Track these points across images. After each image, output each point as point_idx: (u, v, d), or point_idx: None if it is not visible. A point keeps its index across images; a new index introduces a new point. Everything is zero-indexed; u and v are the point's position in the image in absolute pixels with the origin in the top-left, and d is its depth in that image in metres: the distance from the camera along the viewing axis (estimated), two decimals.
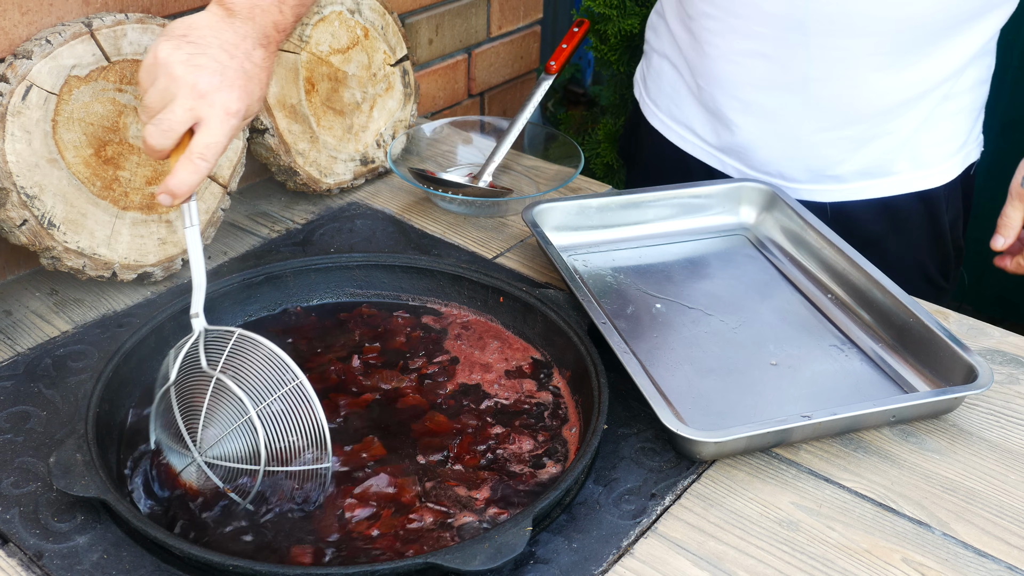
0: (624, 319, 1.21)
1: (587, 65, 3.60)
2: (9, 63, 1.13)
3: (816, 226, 1.28)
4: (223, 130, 0.97)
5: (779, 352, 1.15)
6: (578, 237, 1.35)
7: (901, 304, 1.14)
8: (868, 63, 1.25)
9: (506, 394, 1.09)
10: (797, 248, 1.31)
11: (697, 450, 0.99)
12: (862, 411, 1.00)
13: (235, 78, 0.99)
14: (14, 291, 1.26)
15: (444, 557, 0.83)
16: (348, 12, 1.46)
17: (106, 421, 1.00)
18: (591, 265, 1.31)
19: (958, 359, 1.06)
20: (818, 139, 1.33)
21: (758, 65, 1.31)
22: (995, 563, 0.91)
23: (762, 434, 0.98)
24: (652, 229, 1.37)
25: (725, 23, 1.31)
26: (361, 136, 1.50)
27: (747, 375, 1.12)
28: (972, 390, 1.02)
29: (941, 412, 1.07)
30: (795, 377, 1.12)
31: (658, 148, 1.51)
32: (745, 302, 1.24)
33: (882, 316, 1.17)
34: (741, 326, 1.20)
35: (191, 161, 0.96)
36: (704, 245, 1.37)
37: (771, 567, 0.90)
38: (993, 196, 1.52)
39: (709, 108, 1.40)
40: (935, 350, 1.10)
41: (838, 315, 1.21)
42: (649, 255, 1.34)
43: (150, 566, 0.88)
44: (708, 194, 1.38)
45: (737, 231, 1.38)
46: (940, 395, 1.04)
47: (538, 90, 1.55)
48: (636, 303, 1.24)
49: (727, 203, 1.39)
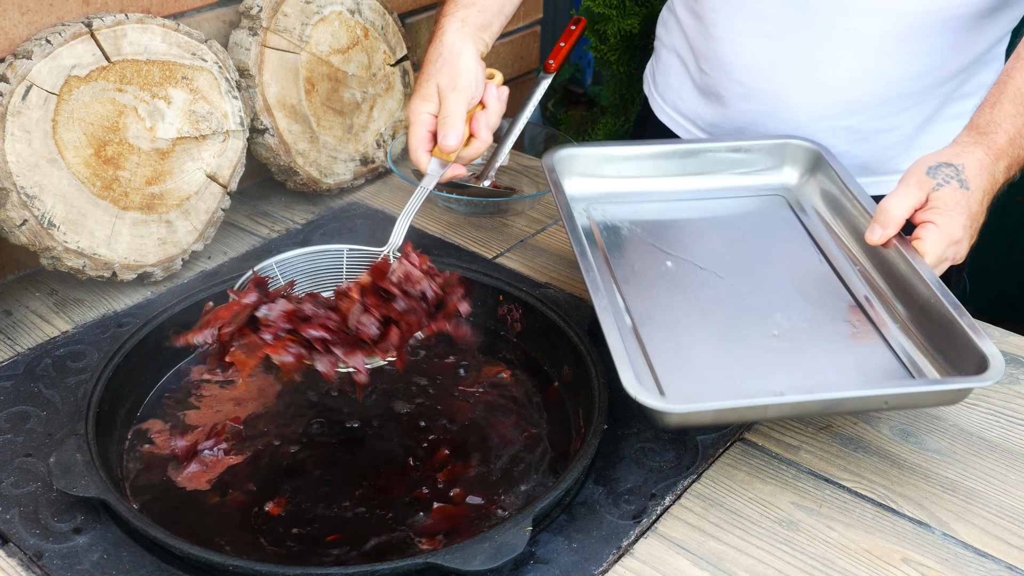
0: (628, 274, 1.13)
1: (587, 65, 3.60)
2: (9, 63, 1.13)
3: (855, 192, 1.18)
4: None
5: (785, 323, 1.07)
6: (601, 185, 1.26)
7: (924, 281, 1.04)
8: (872, 47, 1.24)
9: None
10: (835, 214, 1.22)
11: (660, 419, 0.92)
12: (839, 395, 0.92)
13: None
14: (14, 291, 1.26)
15: (444, 557, 0.83)
16: (348, 12, 1.46)
17: (106, 421, 1.00)
18: (609, 215, 1.23)
19: (972, 347, 0.96)
20: (819, 127, 1.32)
21: (761, 46, 1.31)
22: (995, 563, 0.91)
23: (730, 408, 0.91)
24: (684, 184, 1.28)
25: (729, 2, 1.31)
26: (361, 136, 1.50)
27: (743, 346, 1.05)
28: (976, 383, 0.93)
29: (944, 403, 0.99)
30: (794, 352, 1.04)
31: None
32: (764, 267, 1.15)
33: (904, 292, 1.07)
34: (752, 292, 1.12)
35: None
36: (737, 204, 1.27)
37: (771, 567, 0.90)
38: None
39: (712, 96, 1.40)
40: (951, 334, 1.00)
41: (861, 290, 1.12)
42: (674, 210, 1.25)
43: (150, 566, 0.88)
44: (749, 148, 1.28)
45: (777, 191, 1.29)
46: (938, 385, 0.96)
47: (538, 89, 1.55)
48: (645, 259, 1.16)
49: (769, 160, 1.29)
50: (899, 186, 1.07)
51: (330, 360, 0.94)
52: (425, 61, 1.17)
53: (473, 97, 1.14)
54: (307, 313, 0.95)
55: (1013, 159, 1.09)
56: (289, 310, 0.95)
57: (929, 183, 1.06)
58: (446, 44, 1.16)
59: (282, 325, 0.94)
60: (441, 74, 1.14)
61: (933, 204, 1.05)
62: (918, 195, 1.06)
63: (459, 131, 1.11)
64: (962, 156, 1.07)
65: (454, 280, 1.03)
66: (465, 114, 1.13)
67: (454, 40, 1.16)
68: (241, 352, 0.94)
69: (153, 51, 1.23)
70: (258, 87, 1.36)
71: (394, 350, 0.97)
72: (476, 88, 1.15)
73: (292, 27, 1.39)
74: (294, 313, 0.95)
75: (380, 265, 1.02)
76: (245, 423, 1.05)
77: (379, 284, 0.99)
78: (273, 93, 1.38)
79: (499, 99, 1.18)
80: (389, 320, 0.98)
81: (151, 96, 1.22)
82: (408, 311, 0.98)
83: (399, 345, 0.97)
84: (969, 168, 1.06)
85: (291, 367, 0.93)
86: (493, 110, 1.17)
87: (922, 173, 1.06)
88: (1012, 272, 2.69)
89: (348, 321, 0.96)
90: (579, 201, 1.26)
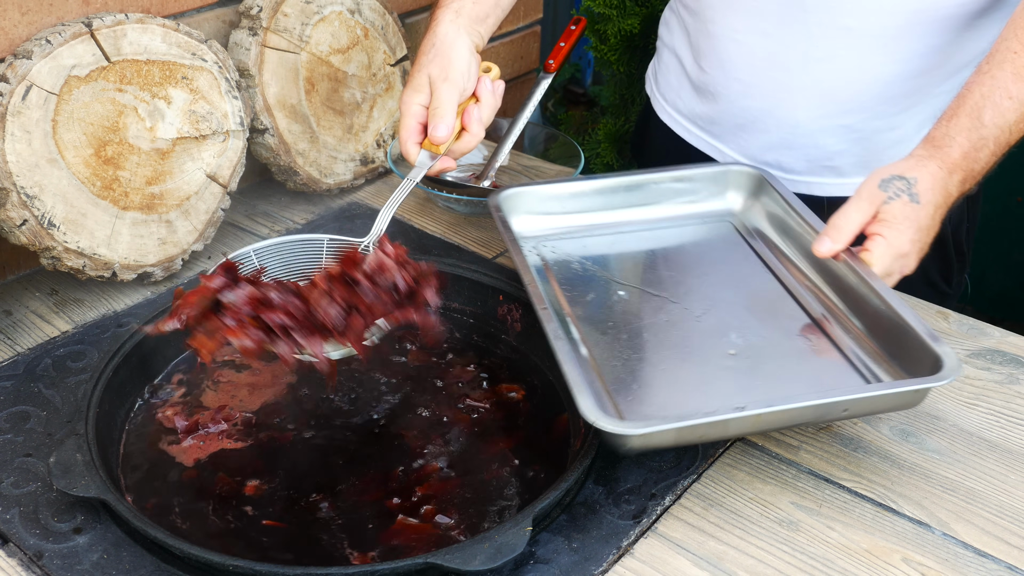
0: (581, 306, 1.14)
1: (587, 65, 3.60)
2: (9, 63, 1.13)
3: (800, 211, 1.20)
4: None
5: (740, 342, 1.08)
6: (550, 223, 1.27)
7: (875, 291, 1.05)
8: (869, 45, 1.24)
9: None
10: (781, 235, 1.24)
11: (621, 443, 0.92)
12: (799, 405, 0.92)
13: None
14: (14, 291, 1.26)
15: (444, 557, 0.83)
16: (348, 12, 1.46)
17: (106, 421, 1.00)
18: (559, 252, 1.24)
19: (926, 349, 0.97)
20: (817, 126, 1.33)
21: (759, 43, 1.31)
22: (995, 563, 0.91)
23: (691, 427, 0.90)
24: (631, 215, 1.29)
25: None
26: (361, 136, 1.50)
27: (701, 367, 1.05)
28: (932, 383, 0.93)
29: (904, 406, 1.00)
30: (752, 369, 1.04)
31: (665, 141, 1.51)
32: (716, 290, 1.17)
33: (856, 303, 1.09)
34: (706, 314, 1.13)
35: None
36: (685, 232, 1.29)
37: (771, 567, 0.90)
38: (991, 199, 1.52)
39: (710, 95, 1.40)
40: (904, 340, 1.01)
41: (813, 305, 1.13)
42: (623, 242, 1.26)
43: (150, 566, 0.88)
44: (692, 177, 1.30)
45: (723, 217, 1.30)
46: (895, 388, 0.96)
47: (537, 89, 1.55)
48: (598, 290, 1.17)
49: (712, 187, 1.31)
50: (851, 200, 1.08)
51: (288, 345, 0.95)
52: (419, 52, 1.16)
53: (465, 89, 1.13)
54: (271, 299, 0.96)
55: (967, 173, 1.09)
56: (253, 295, 0.96)
57: (880, 196, 1.06)
58: (439, 35, 1.15)
59: (244, 310, 0.96)
60: (433, 65, 1.13)
61: (882, 217, 1.06)
62: (868, 210, 1.06)
63: (449, 123, 1.10)
64: (915, 170, 1.07)
65: (429, 271, 1.03)
66: (456, 106, 1.11)
67: (447, 31, 1.15)
68: (203, 335, 0.95)
69: (153, 51, 1.23)
70: (258, 87, 1.36)
71: (355, 338, 0.97)
72: (468, 80, 1.13)
73: (292, 27, 1.39)
74: (258, 299, 0.96)
75: (351, 254, 1.02)
76: (256, 412, 1.07)
77: (348, 272, 0.99)
78: (273, 93, 1.38)
79: (493, 93, 1.16)
80: (353, 308, 0.98)
81: (151, 96, 1.22)
82: (374, 300, 0.99)
83: (359, 333, 0.98)
84: (921, 182, 1.06)
85: (250, 351, 0.94)
86: (487, 104, 1.16)
87: (874, 187, 1.07)
88: (1012, 272, 2.70)
89: (311, 308, 0.97)
90: (528, 239, 1.26)
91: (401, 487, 0.98)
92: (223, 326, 0.95)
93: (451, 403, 1.09)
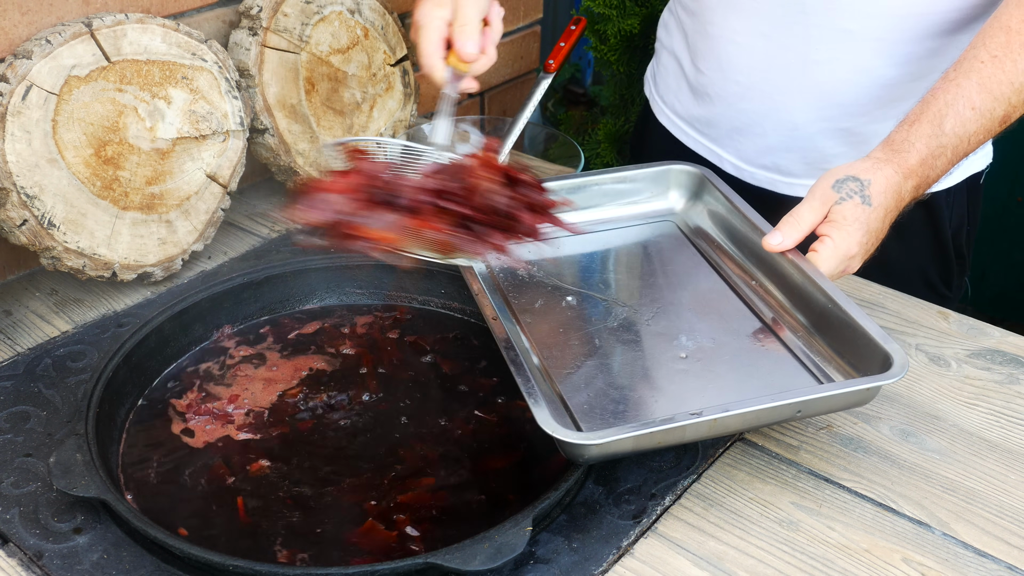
0: (530, 314, 1.13)
1: (587, 65, 3.60)
2: (9, 63, 1.13)
3: (742, 209, 1.20)
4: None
5: (691, 345, 1.08)
6: None
7: (822, 290, 1.05)
8: (868, 48, 1.24)
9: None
10: (724, 234, 1.24)
11: (579, 453, 0.91)
12: (755, 408, 0.92)
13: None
14: (14, 291, 1.26)
15: (444, 557, 0.83)
16: (348, 12, 1.47)
17: (106, 421, 1.00)
18: (504, 258, 1.25)
19: (875, 347, 0.98)
20: (816, 128, 1.32)
21: (758, 45, 1.31)
22: (995, 563, 0.91)
23: (649, 434, 0.90)
24: (575, 218, 1.26)
25: (727, 1, 1.31)
26: (361, 136, 1.50)
27: (653, 371, 1.05)
28: (882, 381, 0.94)
29: (856, 404, 0.99)
30: (704, 372, 1.04)
31: (663, 144, 1.51)
32: (664, 292, 1.17)
33: (803, 302, 1.09)
34: (655, 317, 1.12)
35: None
36: (629, 232, 1.29)
37: (771, 567, 0.90)
38: (991, 199, 1.52)
39: (708, 96, 1.40)
40: (853, 338, 1.01)
41: (760, 305, 1.13)
42: (568, 245, 1.24)
43: (150, 566, 0.88)
44: (634, 178, 1.30)
45: (665, 217, 1.30)
46: (846, 387, 0.96)
47: (537, 89, 1.55)
48: (546, 297, 1.16)
49: (654, 187, 1.31)
50: (804, 200, 1.08)
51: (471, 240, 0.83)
52: None
53: (483, 8, 1.11)
54: (440, 186, 0.84)
55: (922, 179, 1.10)
56: (421, 182, 0.83)
57: (832, 197, 1.06)
58: None
59: (420, 197, 0.83)
60: None
61: (832, 218, 1.06)
62: (820, 209, 1.07)
63: (477, 39, 1.08)
64: (871, 172, 1.07)
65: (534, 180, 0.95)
66: (481, 23, 1.10)
67: None
68: (376, 228, 0.82)
69: (153, 51, 1.23)
70: (258, 87, 1.36)
71: (530, 231, 0.88)
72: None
73: (292, 27, 1.39)
74: (422, 186, 0.84)
75: (488, 156, 0.91)
76: (266, 408, 1.08)
77: (511, 173, 0.88)
78: (273, 93, 1.38)
79: (500, 20, 1.15)
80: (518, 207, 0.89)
81: (151, 96, 1.22)
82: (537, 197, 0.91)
83: (533, 226, 0.89)
84: (875, 184, 1.06)
85: (447, 247, 0.83)
86: (496, 29, 1.15)
87: (827, 187, 1.07)
88: (1012, 272, 2.70)
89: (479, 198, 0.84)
90: None
91: (384, 492, 0.97)
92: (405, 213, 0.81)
93: (462, 414, 1.08)
